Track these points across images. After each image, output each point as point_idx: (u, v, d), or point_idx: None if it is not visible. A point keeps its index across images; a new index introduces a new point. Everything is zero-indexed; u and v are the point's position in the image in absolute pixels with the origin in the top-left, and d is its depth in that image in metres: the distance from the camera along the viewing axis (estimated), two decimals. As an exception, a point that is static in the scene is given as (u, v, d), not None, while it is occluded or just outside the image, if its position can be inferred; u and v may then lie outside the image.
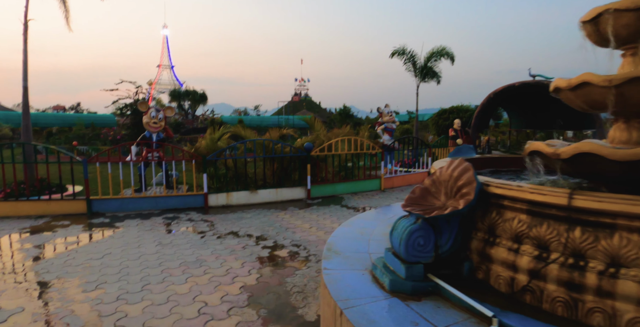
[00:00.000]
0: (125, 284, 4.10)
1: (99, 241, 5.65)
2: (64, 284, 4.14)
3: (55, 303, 3.68)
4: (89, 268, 4.58)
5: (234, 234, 5.99)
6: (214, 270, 4.53)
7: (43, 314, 3.46)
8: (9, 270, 4.58)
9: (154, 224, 6.60)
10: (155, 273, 4.40)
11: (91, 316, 3.42)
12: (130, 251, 5.19)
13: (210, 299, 3.73)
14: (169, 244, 5.48)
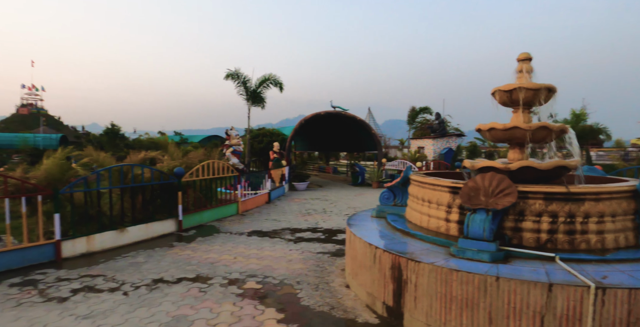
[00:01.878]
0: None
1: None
2: None
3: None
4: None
5: (164, 282, 4.74)
6: (219, 322, 3.63)
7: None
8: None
9: (6, 297, 4.32)
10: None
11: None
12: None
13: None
14: (92, 315, 3.86)
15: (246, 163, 14.44)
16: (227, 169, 9.22)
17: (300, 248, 6.38)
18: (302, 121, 16.46)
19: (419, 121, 31.24)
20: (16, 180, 5.42)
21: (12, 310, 3.96)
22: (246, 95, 15.94)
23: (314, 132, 20.77)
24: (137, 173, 6.96)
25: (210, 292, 4.40)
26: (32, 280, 4.85)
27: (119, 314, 3.86)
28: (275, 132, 19.37)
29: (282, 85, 16.30)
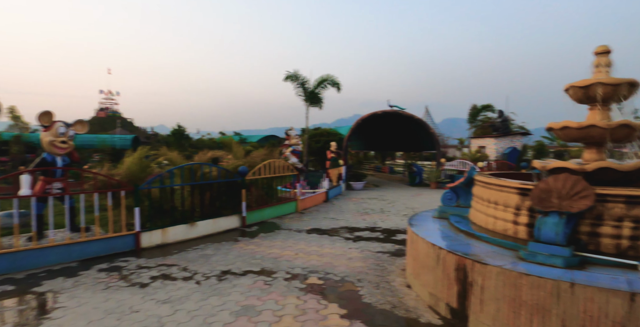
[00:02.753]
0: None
1: (54, 317, 3.82)
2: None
3: None
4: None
5: (232, 274, 5.04)
6: (285, 314, 3.81)
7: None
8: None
9: (96, 280, 4.84)
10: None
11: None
12: (134, 318, 3.76)
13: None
14: (170, 300, 4.21)
15: (305, 162, 14.74)
16: (287, 168, 9.51)
17: (360, 247, 6.44)
18: (359, 121, 16.48)
19: (480, 119, 29.93)
20: (103, 177, 6.02)
21: (102, 292, 4.43)
22: (304, 96, 16.26)
23: (370, 131, 20.69)
24: (206, 171, 7.41)
25: (275, 286, 4.60)
26: (116, 266, 5.37)
27: (193, 301, 4.17)
28: (332, 131, 19.54)
29: (340, 86, 16.43)
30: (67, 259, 5.51)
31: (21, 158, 17.76)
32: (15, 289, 4.55)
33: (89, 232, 6.17)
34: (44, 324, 3.67)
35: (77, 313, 3.88)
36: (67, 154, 6.24)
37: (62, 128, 6.06)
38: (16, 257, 5.15)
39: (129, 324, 3.64)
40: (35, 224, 5.44)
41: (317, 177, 12.05)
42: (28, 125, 31.70)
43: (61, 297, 4.31)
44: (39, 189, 5.92)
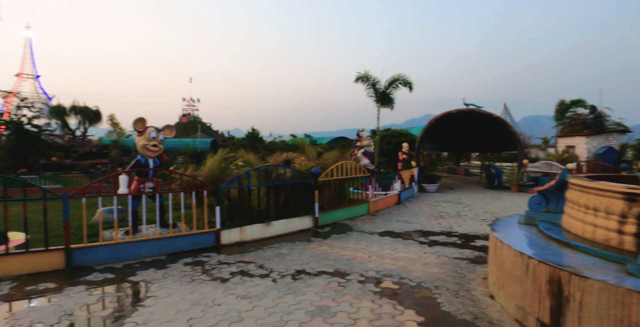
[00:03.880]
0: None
1: (147, 305, 4.17)
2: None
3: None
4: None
5: (306, 274, 5.11)
6: (360, 317, 3.76)
7: None
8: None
9: (182, 273, 5.20)
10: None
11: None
12: (216, 311, 3.97)
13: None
14: (249, 296, 4.37)
15: (376, 164, 14.59)
16: (358, 169, 9.47)
17: (436, 252, 6.18)
18: (432, 121, 15.92)
19: (569, 116, 27.31)
20: (188, 177, 6.47)
21: (188, 284, 4.74)
22: (375, 96, 16.10)
23: (444, 131, 19.87)
24: (280, 173, 7.64)
25: (349, 288, 4.58)
26: (200, 261, 5.72)
27: (270, 298, 4.30)
28: (403, 132, 19.11)
29: (412, 85, 16.01)
30: (157, 252, 6.00)
31: (119, 160, 19.80)
32: (114, 277, 5.05)
33: (176, 228, 6.66)
34: (139, 310, 4.01)
35: (167, 302, 4.19)
36: (158, 157, 6.82)
37: (153, 133, 6.63)
38: (116, 249, 5.72)
39: (212, 316, 3.84)
40: (131, 220, 6.00)
41: (388, 179, 11.85)
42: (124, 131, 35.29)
43: (152, 287, 4.68)
44: (134, 188, 6.53)
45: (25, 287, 4.70)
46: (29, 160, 15.82)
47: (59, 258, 5.34)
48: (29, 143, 15.61)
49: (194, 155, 27.17)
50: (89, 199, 5.66)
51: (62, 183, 14.35)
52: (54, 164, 17.28)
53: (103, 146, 24.54)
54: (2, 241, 5.67)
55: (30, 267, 5.20)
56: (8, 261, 5.12)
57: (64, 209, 5.35)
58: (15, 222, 6.41)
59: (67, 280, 4.94)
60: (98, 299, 4.34)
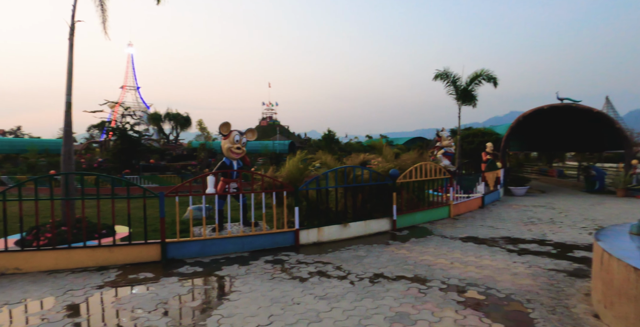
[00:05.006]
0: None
1: (231, 299, 4.39)
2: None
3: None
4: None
5: (385, 278, 5.00)
6: (439, 326, 3.57)
7: None
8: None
9: (263, 270, 5.40)
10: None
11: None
12: (295, 309, 4.05)
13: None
14: (327, 297, 4.39)
15: (457, 165, 13.90)
16: (438, 171, 9.08)
17: (527, 261, 5.68)
18: (519, 118, 14.70)
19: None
20: (269, 179, 6.72)
21: (269, 282, 4.90)
22: (456, 94, 15.35)
23: (533, 129, 18.24)
24: (357, 174, 7.60)
25: (430, 295, 4.38)
26: (279, 259, 5.90)
27: (348, 300, 4.27)
28: (486, 131, 17.92)
29: (496, 80, 14.97)
30: (240, 249, 6.31)
31: (206, 162, 21.33)
32: (202, 270, 5.41)
33: (258, 227, 6.95)
34: (224, 304, 4.24)
35: (249, 298, 4.37)
36: (241, 159, 7.18)
37: (237, 136, 7.01)
38: (204, 244, 6.13)
39: (291, 314, 3.92)
40: (217, 218, 6.40)
41: (471, 180, 11.19)
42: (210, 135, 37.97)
43: (236, 282, 4.93)
44: (220, 188, 6.95)
45: (128, 275, 5.23)
46: (131, 162, 17.75)
47: (156, 251, 5.86)
48: (131, 147, 17.53)
49: (273, 157, 28.30)
50: (181, 198, 6.16)
51: (158, 183, 15.83)
52: (151, 165, 19.16)
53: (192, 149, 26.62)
54: (110, 234, 6.40)
55: (132, 257, 5.78)
56: (114, 251, 5.75)
57: (160, 207, 5.86)
58: (120, 217, 7.16)
59: (162, 271, 5.41)
60: (188, 290, 4.67)
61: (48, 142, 33.05)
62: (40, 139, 39.15)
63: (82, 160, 18.95)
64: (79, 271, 5.43)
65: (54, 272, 5.35)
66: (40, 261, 5.47)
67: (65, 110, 6.83)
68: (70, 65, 6.95)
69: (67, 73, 6.88)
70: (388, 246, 6.64)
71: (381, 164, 8.32)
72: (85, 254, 5.64)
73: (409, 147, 31.26)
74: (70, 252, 5.60)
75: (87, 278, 5.12)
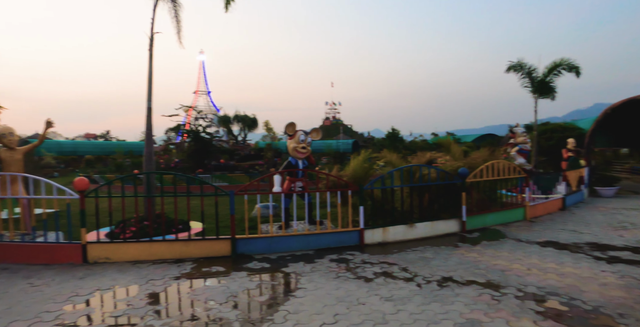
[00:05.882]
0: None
1: (297, 296, 4.47)
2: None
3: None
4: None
5: (454, 282, 4.78)
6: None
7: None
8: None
9: (328, 268, 5.42)
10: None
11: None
12: (361, 310, 4.01)
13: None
14: (393, 298, 4.30)
15: (534, 163, 12.92)
16: (512, 169, 8.50)
17: (618, 271, 5.10)
18: (607, 110, 13.26)
19: None
20: (334, 177, 6.75)
21: (334, 280, 4.91)
22: (532, 86, 14.27)
23: (623, 123, 16.35)
24: (424, 173, 7.36)
25: (504, 303, 4.10)
26: (344, 258, 5.89)
27: (414, 303, 4.14)
28: (567, 126, 16.42)
29: (579, 70, 13.66)
30: (305, 247, 6.41)
31: (272, 162, 22.03)
32: (270, 267, 5.57)
33: (322, 225, 7.02)
34: (290, 300, 4.32)
35: (314, 296, 4.41)
36: (306, 158, 7.30)
37: (302, 136, 7.13)
38: (271, 241, 6.31)
39: (356, 314, 3.90)
40: (283, 216, 6.56)
41: (549, 180, 10.32)
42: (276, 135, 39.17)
43: (302, 279, 5.00)
44: (286, 187, 7.12)
45: (202, 268, 5.55)
46: (203, 162, 18.87)
47: (227, 246, 6.15)
48: (203, 148, 18.65)
49: (337, 156, 28.43)
50: (249, 196, 6.40)
51: (228, 181, 16.62)
52: (221, 165, 20.20)
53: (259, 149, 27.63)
54: (186, 229, 6.84)
55: (205, 251, 6.12)
56: (189, 245, 6.13)
57: (231, 204, 6.13)
58: (194, 213, 7.62)
59: (232, 265, 5.66)
60: (257, 285, 4.84)
61: (132, 144, 36.29)
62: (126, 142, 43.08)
63: (161, 161, 20.51)
64: (158, 262, 5.86)
65: (138, 263, 5.83)
66: (126, 252, 5.99)
67: (146, 115, 7.43)
68: (150, 73, 7.54)
69: (147, 81, 7.48)
70: (457, 249, 6.35)
71: (449, 162, 7.97)
72: (164, 247, 6.08)
73: (477, 144, 29.68)
74: (151, 245, 6.07)
75: (165, 269, 5.52)
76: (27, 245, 5.96)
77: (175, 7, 8.60)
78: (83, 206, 5.90)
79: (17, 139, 6.84)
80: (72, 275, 5.31)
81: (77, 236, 6.05)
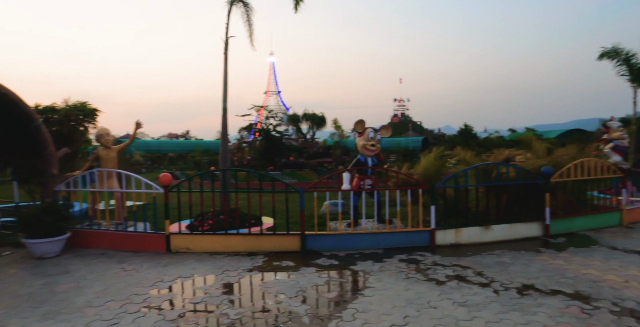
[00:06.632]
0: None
1: (365, 295, 4.43)
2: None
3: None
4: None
5: (536, 290, 4.41)
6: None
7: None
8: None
9: (398, 268, 5.30)
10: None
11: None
12: (432, 313, 3.86)
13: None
14: (467, 304, 4.07)
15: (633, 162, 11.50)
16: (606, 168, 7.63)
17: None
18: None
19: None
20: (404, 176, 6.58)
21: (403, 281, 4.79)
22: (630, 74, 12.69)
23: None
24: (502, 172, 6.89)
25: (597, 317, 3.69)
26: (413, 259, 5.72)
27: (491, 311, 3.89)
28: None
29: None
30: (374, 245, 6.33)
31: (340, 159, 22.14)
32: (338, 264, 5.59)
33: (392, 224, 6.88)
34: (359, 298, 4.29)
35: (383, 296, 4.34)
36: (376, 155, 7.20)
37: (371, 133, 7.05)
38: (340, 238, 6.33)
39: (427, 318, 3.75)
40: (352, 213, 6.54)
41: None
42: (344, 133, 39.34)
43: (370, 278, 4.95)
44: (355, 185, 7.09)
45: (273, 262, 5.73)
46: (274, 160, 19.53)
47: (296, 241, 6.28)
48: (274, 146, 19.31)
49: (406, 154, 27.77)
50: (318, 193, 6.48)
51: (297, 179, 17.02)
52: (291, 162, 20.75)
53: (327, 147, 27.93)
54: (258, 223, 7.11)
55: (276, 246, 6.31)
56: (261, 239, 6.36)
57: (300, 201, 6.25)
58: (265, 208, 7.88)
59: (301, 261, 5.76)
60: (325, 281, 4.88)
61: (209, 143, 38.67)
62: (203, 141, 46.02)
63: (235, 159, 21.59)
64: (233, 254, 6.16)
65: (214, 254, 6.18)
66: (204, 243, 6.37)
67: (222, 116, 7.85)
68: (225, 75, 7.94)
69: (222, 83, 7.89)
70: (539, 254, 5.85)
71: (530, 160, 7.35)
72: (238, 240, 6.38)
73: (562, 141, 27.18)
74: (226, 237, 6.40)
75: (239, 261, 5.78)
76: (120, 233, 6.60)
77: (247, 12, 8.97)
78: (167, 199, 6.39)
79: (112, 138, 7.59)
80: (157, 262, 5.78)
81: (162, 226, 6.57)
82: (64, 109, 7.81)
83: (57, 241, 6.09)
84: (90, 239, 6.67)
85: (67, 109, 7.82)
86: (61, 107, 7.89)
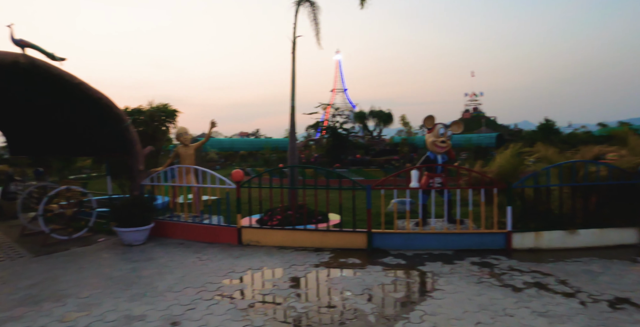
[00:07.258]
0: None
1: (434, 297, 4.27)
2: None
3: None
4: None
5: (633, 305, 3.92)
6: None
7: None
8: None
9: (469, 271, 5.03)
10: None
11: None
12: (507, 322, 3.61)
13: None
14: (548, 314, 3.74)
15: None
16: None
17: None
18: None
19: None
20: (477, 174, 6.23)
21: (475, 285, 4.54)
22: None
23: None
24: (590, 171, 6.24)
25: None
26: (487, 262, 5.39)
27: (577, 324, 3.54)
28: None
29: None
30: (443, 246, 6.08)
31: (408, 157, 21.63)
32: (405, 263, 5.45)
33: (463, 225, 6.56)
34: (427, 300, 4.15)
35: (453, 299, 4.14)
36: (446, 153, 6.90)
37: (441, 129, 6.77)
38: (407, 238, 6.17)
39: (502, 326, 3.52)
40: (421, 212, 6.34)
41: None
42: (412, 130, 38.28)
43: (440, 280, 4.75)
44: (424, 183, 6.86)
45: (339, 259, 5.74)
46: (340, 157, 19.63)
47: (362, 239, 6.24)
48: (341, 143, 19.42)
49: (477, 151, 26.33)
50: (386, 191, 6.37)
51: (364, 176, 16.92)
52: (357, 160, 20.69)
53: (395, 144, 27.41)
54: (324, 220, 7.18)
55: (342, 243, 6.32)
56: (328, 236, 6.41)
57: (367, 198, 6.20)
58: (332, 205, 7.93)
59: (367, 259, 5.71)
60: (392, 281, 4.78)
61: (277, 141, 39.86)
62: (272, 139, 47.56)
63: (302, 156, 22.05)
64: (300, 249, 6.28)
65: (282, 248, 6.36)
66: (273, 237, 6.58)
67: (290, 114, 8.04)
68: (293, 75, 8.11)
69: (290, 82, 8.07)
70: (635, 264, 5.21)
71: (625, 158, 6.55)
72: (305, 236, 6.49)
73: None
74: (294, 232, 6.54)
75: (306, 256, 5.88)
76: (197, 225, 7.06)
77: (314, 11, 9.07)
78: (239, 194, 6.70)
79: (190, 137, 8.12)
80: (229, 254, 6.09)
81: (234, 220, 6.90)
82: (149, 111, 8.53)
83: (143, 230, 6.69)
84: (170, 230, 7.22)
85: (151, 111, 8.52)
86: (146, 109, 8.62)
